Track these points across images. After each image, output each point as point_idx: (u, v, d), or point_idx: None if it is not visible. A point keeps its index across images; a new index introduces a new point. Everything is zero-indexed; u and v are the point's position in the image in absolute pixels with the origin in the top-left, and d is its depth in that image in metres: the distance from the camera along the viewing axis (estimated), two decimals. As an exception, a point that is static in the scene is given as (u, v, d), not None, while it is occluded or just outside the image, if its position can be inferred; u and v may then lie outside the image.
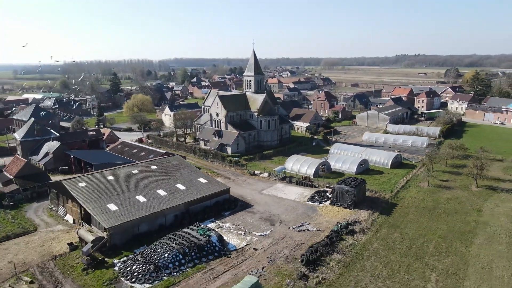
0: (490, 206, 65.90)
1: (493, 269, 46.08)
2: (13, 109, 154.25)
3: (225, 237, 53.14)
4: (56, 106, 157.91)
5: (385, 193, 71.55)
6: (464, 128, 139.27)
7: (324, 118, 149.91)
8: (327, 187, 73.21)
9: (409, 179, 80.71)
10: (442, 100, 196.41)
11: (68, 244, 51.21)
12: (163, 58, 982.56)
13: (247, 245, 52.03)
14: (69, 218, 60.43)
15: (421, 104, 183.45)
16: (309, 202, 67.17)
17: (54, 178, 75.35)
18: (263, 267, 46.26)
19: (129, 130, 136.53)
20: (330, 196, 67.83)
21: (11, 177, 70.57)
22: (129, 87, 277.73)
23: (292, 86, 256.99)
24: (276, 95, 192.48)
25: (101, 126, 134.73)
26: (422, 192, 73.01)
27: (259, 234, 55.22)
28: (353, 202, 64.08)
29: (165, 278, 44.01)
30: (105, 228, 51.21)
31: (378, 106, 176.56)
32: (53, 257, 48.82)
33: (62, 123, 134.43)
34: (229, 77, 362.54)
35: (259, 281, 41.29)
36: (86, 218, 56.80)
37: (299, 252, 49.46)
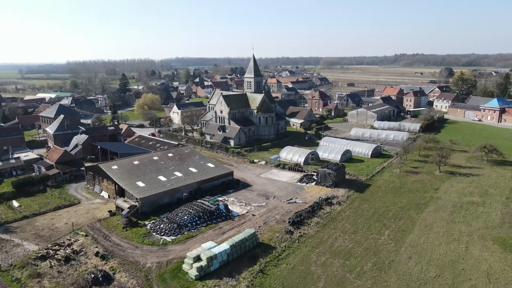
0: (446, 186, 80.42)
1: (433, 227, 60.68)
2: (36, 108, 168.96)
3: (230, 207, 67.80)
4: (73, 104, 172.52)
5: (362, 176, 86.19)
6: (444, 124, 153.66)
7: (317, 116, 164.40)
8: (314, 171, 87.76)
9: (385, 166, 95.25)
10: (430, 99, 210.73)
11: (108, 211, 65.94)
12: (164, 57, 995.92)
13: (247, 212, 66.73)
14: (105, 194, 75.17)
15: (409, 102, 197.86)
16: (298, 183, 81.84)
17: (85, 164, 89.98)
18: (259, 226, 60.87)
19: (141, 126, 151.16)
20: (316, 178, 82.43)
21: (52, 163, 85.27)
22: (135, 87, 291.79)
23: (290, 85, 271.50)
24: (275, 95, 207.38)
25: (116, 123, 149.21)
26: (394, 176, 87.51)
27: (256, 205, 69.92)
28: (334, 182, 78.63)
29: (186, 233, 58.65)
30: (136, 199, 65.90)
31: (369, 104, 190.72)
32: (98, 220, 63.54)
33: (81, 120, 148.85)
34: (230, 77, 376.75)
35: (256, 233, 55.91)
36: (120, 193, 71.46)
37: (288, 217, 64.01)
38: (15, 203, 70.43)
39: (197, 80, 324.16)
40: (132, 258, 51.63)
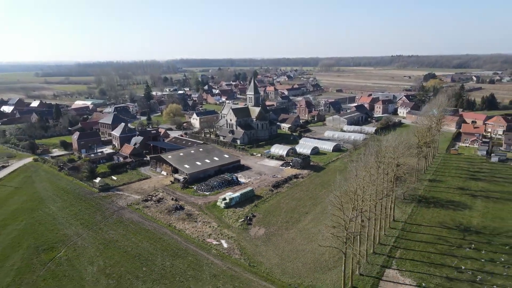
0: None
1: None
2: (88, 114, 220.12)
3: (239, 179, 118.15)
4: (115, 112, 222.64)
5: (321, 163, 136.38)
6: (397, 127, 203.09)
7: (303, 121, 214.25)
8: (290, 160, 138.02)
9: (339, 157, 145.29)
10: (397, 106, 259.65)
11: (170, 181, 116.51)
12: (169, 58, 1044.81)
13: (248, 181, 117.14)
14: (164, 172, 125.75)
15: (378, 109, 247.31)
16: (280, 167, 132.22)
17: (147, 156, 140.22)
18: (255, 188, 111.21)
19: (169, 129, 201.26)
20: (291, 164, 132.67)
21: (126, 155, 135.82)
22: (154, 93, 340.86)
23: (285, 93, 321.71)
24: (271, 103, 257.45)
25: (151, 126, 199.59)
26: (342, 163, 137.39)
27: (254, 178, 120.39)
28: (301, 166, 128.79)
29: (215, 191, 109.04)
30: (186, 174, 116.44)
31: (347, 111, 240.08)
32: (165, 185, 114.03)
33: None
34: (234, 83, 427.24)
35: (253, 190, 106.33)
36: (174, 171, 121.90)
37: (271, 184, 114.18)
38: (113, 177, 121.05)
39: (206, 87, 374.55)
40: (190, 201, 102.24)
